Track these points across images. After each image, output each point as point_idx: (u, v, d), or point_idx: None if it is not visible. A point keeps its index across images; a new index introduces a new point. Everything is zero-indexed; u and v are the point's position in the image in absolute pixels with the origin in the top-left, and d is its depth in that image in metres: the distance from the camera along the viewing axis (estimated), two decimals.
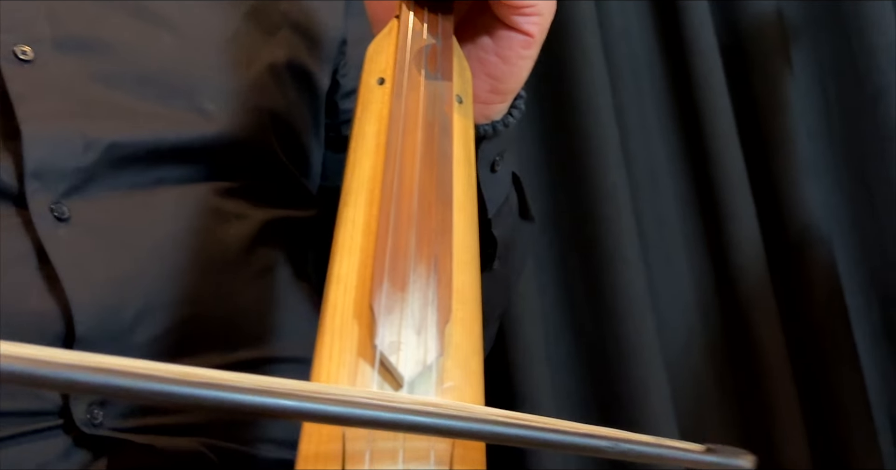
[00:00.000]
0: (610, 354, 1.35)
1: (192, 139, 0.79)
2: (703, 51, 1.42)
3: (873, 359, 1.47)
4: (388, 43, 0.66)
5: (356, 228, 0.56)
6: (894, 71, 1.44)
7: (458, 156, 0.62)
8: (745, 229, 1.41)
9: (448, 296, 0.53)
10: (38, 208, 0.73)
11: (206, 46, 0.84)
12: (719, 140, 1.41)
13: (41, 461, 0.69)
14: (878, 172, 1.47)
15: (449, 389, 0.50)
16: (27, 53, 0.78)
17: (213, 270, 0.78)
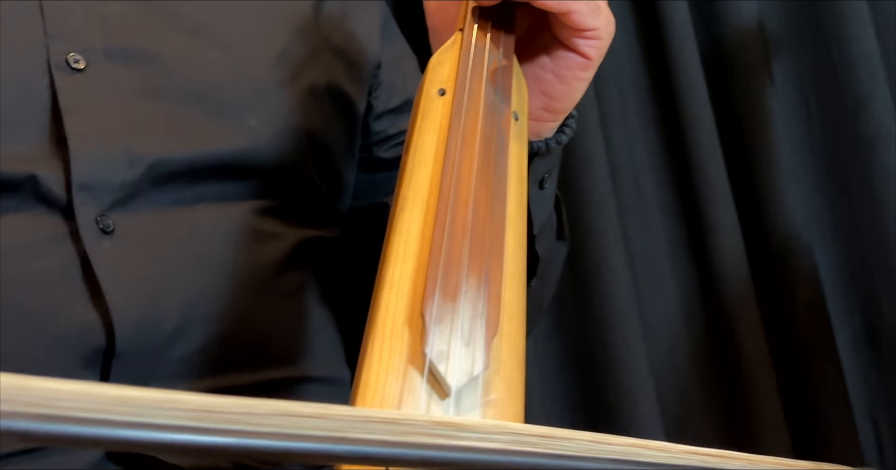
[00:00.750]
0: (598, 361, 1.36)
1: (234, 156, 0.79)
2: (685, 64, 1.43)
3: (855, 364, 1.49)
4: (451, 55, 0.67)
5: (411, 236, 0.56)
6: (873, 81, 1.46)
7: (513, 172, 0.62)
8: (729, 238, 1.42)
9: (497, 309, 0.53)
10: (84, 220, 0.72)
11: (252, 64, 0.84)
12: (702, 151, 1.43)
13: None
14: (859, 181, 1.49)
15: (492, 401, 0.50)
16: (79, 62, 0.77)
17: (248, 289, 0.78)
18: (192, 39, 0.83)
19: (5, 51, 0.76)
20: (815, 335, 1.45)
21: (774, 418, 1.38)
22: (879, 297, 1.49)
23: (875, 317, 1.50)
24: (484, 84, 0.65)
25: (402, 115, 0.93)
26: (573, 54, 0.70)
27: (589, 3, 0.68)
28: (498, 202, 0.59)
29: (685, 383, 1.44)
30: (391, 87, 0.93)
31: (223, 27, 0.84)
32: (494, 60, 0.67)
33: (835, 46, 1.50)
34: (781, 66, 1.53)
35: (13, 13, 0.77)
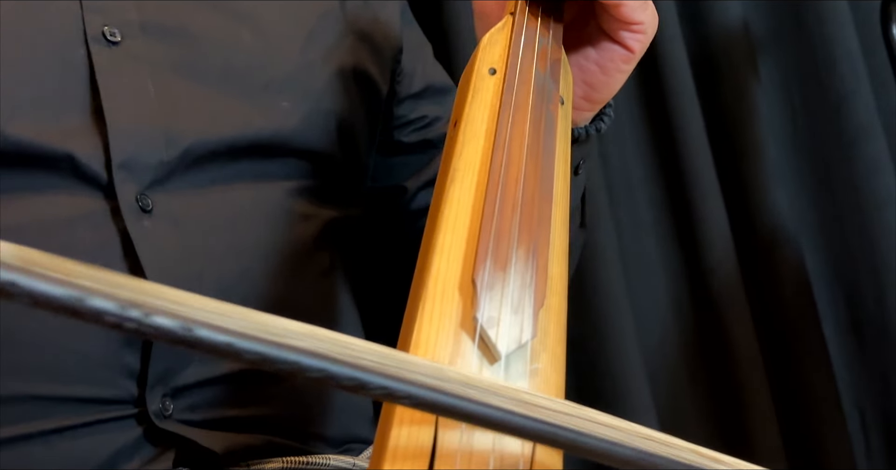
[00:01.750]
0: (592, 351, 1.37)
1: (268, 137, 0.79)
2: (673, 63, 1.44)
3: (841, 352, 1.51)
4: (503, 36, 0.68)
5: (461, 206, 0.57)
6: (855, 79, 1.49)
7: (559, 154, 0.63)
8: (717, 231, 1.43)
9: (544, 282, 0.54)
10: (125, 198, 0.72)
11: (283, 46, 0.83)
12: (691, 147, 1.43)
13: (113, 449, 0.69)
14: (842, 175, 1.51)
15: (538, 370, 0.51)
16: (115, 35, 0.76)
17: (281, 270, 0.77)
18: (226, 19, 0.82)
19: (41, 22, 0.75)
20: (802, 325, 1.47)
21: (763, 405, 1.40)
22: (863, 288, 1.51)
23: (859, 307, 1.52)
24: (534, 67, 0.66)
25: (422, 101, 0.94)
26: (617, 46, 0.72)
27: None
28: (546, 181, 0.60)
29: (676, 371, 1.45)
30: (412, 72, 0.94)
31: (256, 8, 0.84)
32: (544, 45, 0.68)
33: (817, 46, 1.52)
34: (766, 65, 1.55)
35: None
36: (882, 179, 1.48)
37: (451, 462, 0.45)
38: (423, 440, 0.46)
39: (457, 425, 0.46)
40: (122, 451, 0.70)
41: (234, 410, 0.74)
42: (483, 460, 0.46)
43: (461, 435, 0.46)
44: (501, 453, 0.46)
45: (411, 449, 0.46)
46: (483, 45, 0.67)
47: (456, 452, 0.45)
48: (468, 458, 0.46)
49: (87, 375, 0.69)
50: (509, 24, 0.69)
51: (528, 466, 0.47)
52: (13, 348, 0.68)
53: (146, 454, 0.70)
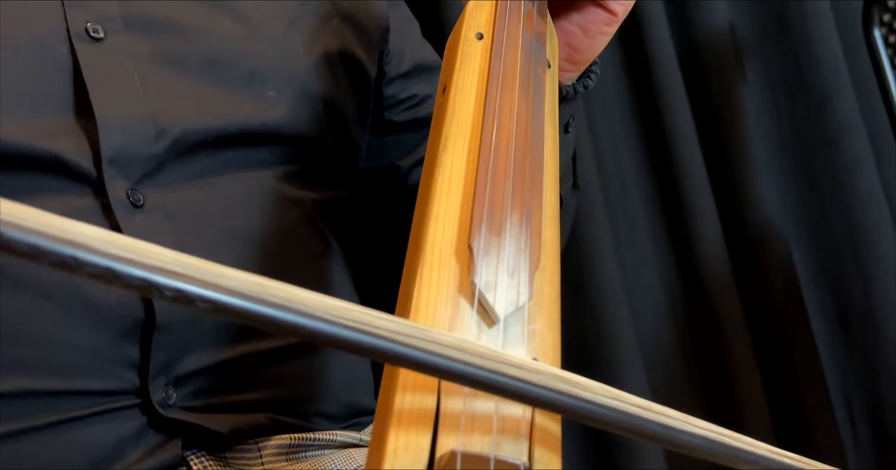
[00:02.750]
0: (590, 341, 1.38)
1: (256, 124, 0.78)
2: (664, 65, 1.46)
3: (827, 343, 1.53)
4: (489, 1, 0.66)
5: (454, 172, 0.56)
6: (838, 79, 1.51)
7: (548, 117, 0.62)
8: (708, 226, 1.45)
9: (538, 246, 0.53)
10: (116, 195, 0.71)
11: (266, 33, 0.82)
12: (682, 145, 1.45)
13: (118, 438, 0.69)
14: (827, 172, 1.53)
15: (534, 331, 0.51)
16: (98, 31, 0.74)
17: (275, 255, 0.77)
18: (208, 9, 0.80)
19: (24, 20, 0.73)
20: (790, 315, 1.49)
21: (754, 393, 1.42)
22: (849, 280, 1.53)
23: (845, 299, 1.54)
24: (521, 31, 0.65)
25: (411, 80, 0.93)
26: (600, 10, 0.71)
27: None
28: (536, 145, 0.59)
29: (671, 361, 1.48)
30: (401, 52, 0.92)
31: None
32: (530, 9, 0.67)
33: (801, 48, 1.54)
34: (753, 66, 1.57)
35: None
36: (865, 175, 1.51)
37: (456, 425, 0.45)
38: (426, 405, 0.45)
39: (459, 391, 0.46)
40: (128, 439, 0.70)
41: (236, 394, 0.74)
42: (486, 423, 0.45)
43: (464, 400, 0.46)
44: (503, 416, 0.46)
45: (416, 413, 0.45)
46: (469, 10, 0.66)
47: (460, 414, 0.45)
48: (472, 421, 0.45)
49: (90, 369, 0.69)
50: None
51: (528, 429, 0.46)
52: (17, 346, 0.68)
53: (152, 441, 0.71)
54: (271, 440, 0.75)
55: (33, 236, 0.35)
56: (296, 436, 0.76)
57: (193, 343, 0.72)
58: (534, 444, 0.46)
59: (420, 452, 0.43)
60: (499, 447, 0.45)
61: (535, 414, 0.47)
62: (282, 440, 0.75)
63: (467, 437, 0.44)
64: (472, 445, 0.44)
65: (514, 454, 0.45)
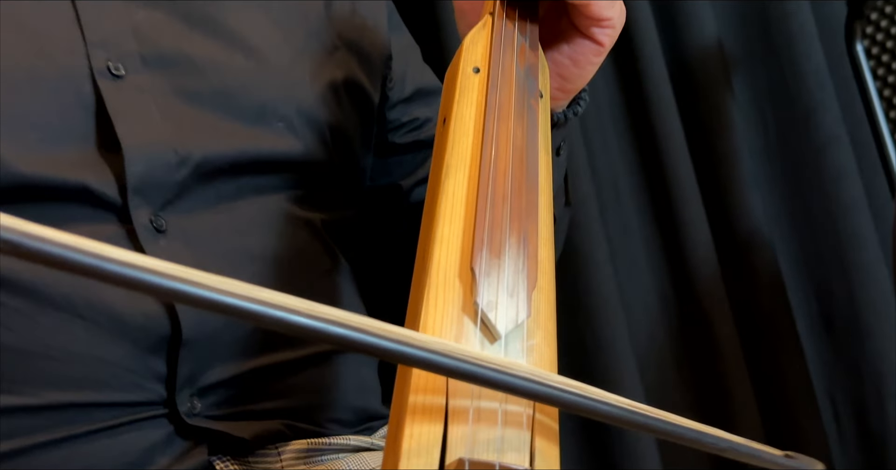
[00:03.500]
0: (587, 345, 1.41)
1: (267, 153, 0.81)
2: (655, 80, 1.49)
3: (813, 346, 1.57)
4: (483, 36, 0.69)
5: (456, 199, 0.59)
6: (822, 92, 1.55)
7: (541, 145, 0.65)
8: (698, 234, 1.48)
9: (535, 266, 0.57)
10: (140, 221, 0.74)
11: (275, 65, 0.84)
12: (672, 157, 1.48)
13: (148, 445, 0.72)
14: (812, 181, 1.57)
15: (532, 346, 0.54)
16: (119, 69, 0.77)
17: (288, 273, 0.80)
18: (219, 43, 0.83)
19: (48, 58, 0.76)
20: (778, 321, 1.52)
21: (744, 395, 1.45)
22: (834, 285, 1.56)
23: (830, 304, 1.58)
24: (515, 64, 0.68)
25: (412, 104, 0.95)
26: (588, 41, 0.73)
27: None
28: (531, 171, 0.62)
29: (664, 364, 1.50)
30: (402, 77, 0.94)
31: (246, 30, 0.84)
32: (523, 43, 0.70)
33: (787, 62, 1.57)
34: (740, 80, 1.60)
35: (51, 22, 0.78)
36: (849, 185, 1.54)
37: (465, 417, 0.49)
38: (436, 403, 0.49)
39: (466, 391, 0.49)
40: (156, 447, 0.73)
41: (256, 403, 0.77)
42: (492, 417, 0.49)
43: (471, 399, 0.50)
44: (507, 411, 0.50)
45: (427, 410, 0.49)
46: (466, 45, 0.69)
47: (468, 410, 0.49)
48: (478, 415, 0.49)
49: (120, 382, 0.72)
50: (489, 23, 0.70)
51: (530, 422, 0.50)
52: (53, 362, 0.71)
53: (179, 448, 0.73)
54: (290, 445, 0.78)
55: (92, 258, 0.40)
56: (313, 441, 0.79)
57: (216, 356, 0.75)
58: (535, 435, 0.50)
59: (432, 446, 0.48)
60: (503, 443, 0.49)
61: (536, 410, 0.51)
62: (300, 445, 0.78)
63: (475, 428, 0.49)
64: (479, 436, 0.49)
65: (518, 445, 0.50)
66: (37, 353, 0.71)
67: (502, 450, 0.49)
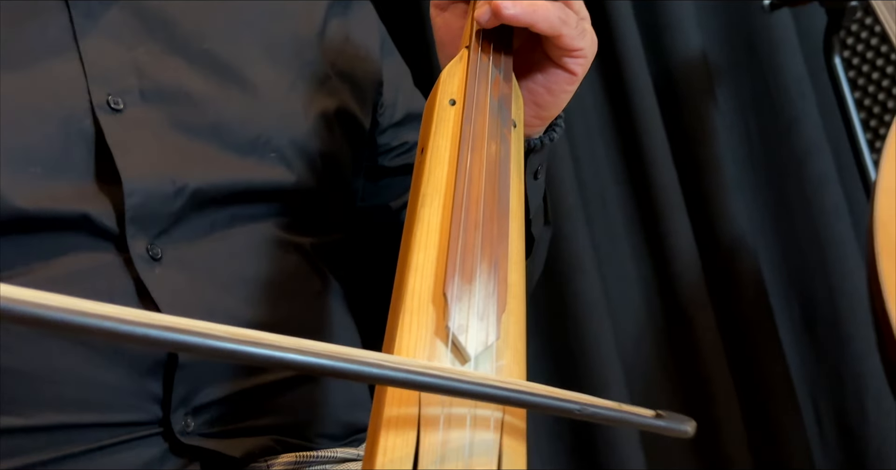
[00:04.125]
0: (573, 350, 1.44)
1: (260, 183, 0.83)
2: (640, 92, 1.52)
3: (795, 349, 1.60)
4: (459, 69, 0.71)
5: (431, 227, 0.61)
6: (804, 102, 1.59)
7: (513, 173, 0.67)
8: (683, 242, 1.51)
9: (505, 291, 0.59)
10: (137, 250, 0.76)
11: (269, 98, 0.86)
12: (657, 167, 1.51)
13: (145, 463, 0.75)
14: (794, 189, 1.61)
15: (502, 366, 0.57)
16: (118, 103, 0.79)
17: (280, 296, 0.82)
18: (216, 77, 0.85)
19: (49, 94, 0.78)
20: (760, 324, 1.55)
21: (727, 398, 1.49)
22: (815, 290, 1.60)
23: (811, 308, 1.61)
24: (489, 96, 0.70)
25: (402, 128, 0.97)
26: (561, 71, 0.75)
27: (577, 27, 0.73)
28: (503, 199, 0.64)
29: (649, 367, 1.53)
30: (393, 103, 0.96)
31: (242, 64, 0.86)
32: (497, 75, 0.72)
33: (769, 73, 1.61)
34: (724, 91, 1.64)
35: (54, 58, 0.79)
36: (830, 191, 1.58)
37: (436, 425, 0.52)
38: (410, 413, 0.52)
39: (437, 399, 0.52)
40: (152, 464, 0.75)
41: (247, 421, 0.79)
42: (462, 421, 0.52)
43: (441, 407, 0.53)
44: (475, 414, 0.53)
45: (401, 419, 0.52)
46: (443, 78, 0.71)
47: (438, 417, 0.52)
48: (448, 421, 0.52)
49: (118, 404, 0.74)
50: (465, 57, 0.72)
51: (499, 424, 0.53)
52: (56, 385, 0.74)
53: (174, 465, 0.76)
54: (279, 459, 0.80)
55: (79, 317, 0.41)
56: (301, 454, 0.81)
57: (209, 378, 0.77)
58: (503, 436, 0.53)
59: (406, 455, 0.51)
60: (472, 448, 0.52)
61: (505, 412, 0.54)
62: (288, 458, 0.80)
63: (445, 436, 0.52)
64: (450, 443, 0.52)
65: (486, 449, 0.53)
66: (40, 376, 0.73)
67: (471, 455, 0.52)
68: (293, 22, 0.91)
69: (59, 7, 0.81)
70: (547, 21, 0.71)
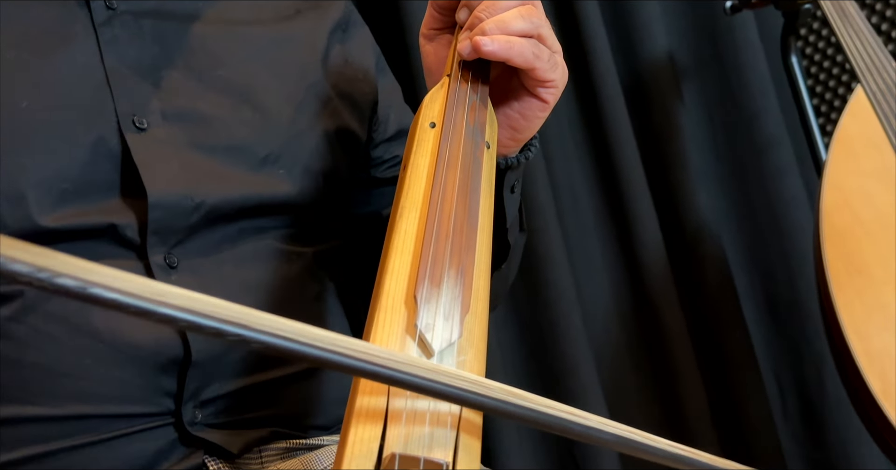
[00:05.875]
0: (546, 336, 1.51)
1: (268, 198, 0.88)
2: (609, 92, 1.59)
3: (759, 329, 1.69)
4: (440, 95, 0.77)
5: (407, 236, 0.67)
6: (764, 97, 1.67)
7: (484, 190, 0.72)
8: (649, 232, 1.59)
9: (469, 295, 0.64)
10: (156, 259, 0.82)
11: (278, 120, 0.91)
12: (625, 163, 1.58)
13: (156, 450, 0.81)
14: (755, 179, 1.69)
15: (463, 361, 0.61)
16: (143, 123, 0.84)
17: (282, 301, 0.87)
18: (229, 100, 0.90)
19: (81, 118, 0.84)
20: (725, 305, 1.63)
21: (692, 377, 1.57)
22: (776, 274, 1.68)
23: (774, 290, 1.70)
24: (465, 121, 0.75)
25: (394, 143, 1.02)
26: (535, 99, 0.80)
27: (549, 60, 0.78)
28: (473, 213, 0.69)
29: (618, 350, 1.60)
30: (386, 119, 1.02)
31: (253, 87, 0.91)
32: (474, 101, 0.77)
33: (733, 71, 1.69)
34: (690, 88, 1.71)
35: (84, 84, 0.85)
36: (790, 181, 1.66)
37: (400, 419, 0.56)
38: (378, 405, 0.57)
39: (403, 394, 0.56)
40: (162, 451, 0.81)
41: (248, 413, 0.84)
42: (423, 416, 0.56)
43: (406, 401, 0.57)
44: (435, 412, 0.57)
45: (371, 412, 0.56)
46: (426, 103, 0.77)
47: (402, 411, 0.56)
48: (412, 416, 0.56)
49: (134, 397, 0.80)
50: (446, 84, 0.78)
51: (457, 422, 0.57)
52: (77, 380, 0.79)
53: (181, 453, 0.82)
54: (271, 445, 0.86)
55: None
56: (291, 442, 0.87)
57: (218, 374, 0.83)
58: (460, 432, 0.57)
59: (373, 442, 0.55)
60: (431, 441, 0.56)
61: (463, 410, 0.57)
62: (279, 445, 0.87)
63: (408, 428, 0.56)
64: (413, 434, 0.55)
65: (444, 443, 0.56)
66: (65, 372, 0.79)
67: (431, 446, 0.56)
68: (299, 49, 0.97)
69: (87, 35, 0.86)
70: (521, 56, 0.76)
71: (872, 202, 1.32)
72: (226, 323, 0.52)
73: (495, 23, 0.77)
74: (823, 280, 1.30)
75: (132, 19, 0.89)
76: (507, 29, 0.76)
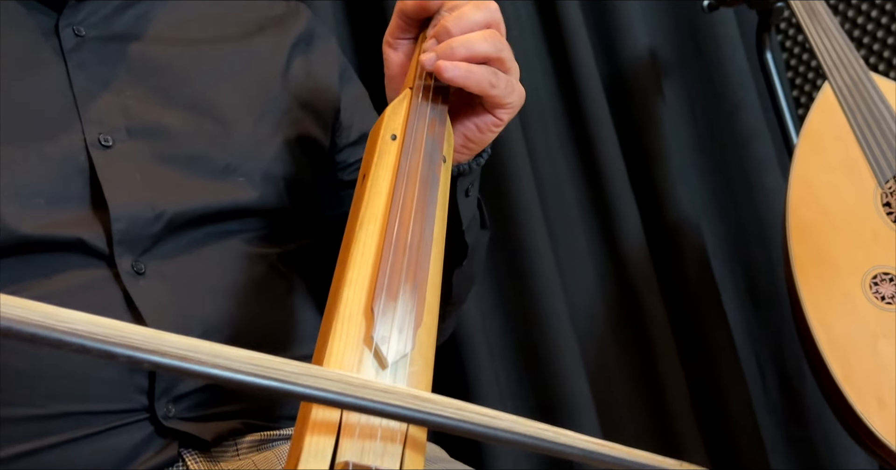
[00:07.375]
0: (530, 326, 1.55)
1: (229, 205, 0.91)
2: (590, 89, 1.61)
3: (740, 315, 1.73)
4: (402, 108, 0.78)
5: (367, 248, 0.67)
6: (744, 91, 1.70)
7: (440, 203, 0.74)
8: (631, 224, 1.62)
9: (422, 309, 0.65)
10: (123, 266, 0.85)
11: (238, 130, 0.94)
12: (607, 158, 1.61)
13: (133, 444, 0.83)
14: (736, 170, 1.72)
15: (414, 372, 0.63)
16: (108, 141, 0.88)
17: (248, 301, 0.90)
18: (192, 113, 0.93)
19: (51, 137, 0.87)
20: (704, 294, 1.67)
21: (672, 361, 1.61)
22: (756, 263, 1.72)
23: (753, 279, 1.74)
24: (425, 134, 0.77)
25: (358, 147, 1.05)
26: (491, 117, 0.84)
27: (506, 87, 0.81)
28: (429, 227, 0.70)
29: (601, 338, 1.63)
30: (349, 125, 1.05)
31: (215, 100, 0.94)
32: (434, 116, 0.79)
33: (713, 65, 1.72)
34: (671, 82, 1.73)
35: (52, 105, 0.88)
36: (769, 173, 1.70)
37: (353, 433, 0.57)
38: (332, 418, 0.58)
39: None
40: (140, 445, 0.84)
41: (220, 406, 0.87)
42: (373, 432, 0.58)
43: (359, 415, 0.58)
44: (385, 427, 0.59)
45: (325, 424, 0.57)
46: (388, 114, 0.78)
47: (356, 425, 0.58)
48: (365, 430, 0.58)
49: (110, 395, 0.83)
50: (409, 97, 0.79)
51: (403, 437, 0.59)
52: (56, 380, 0.82)
53: (158, 445, 0.84)
54: (246, 438, 0.89)
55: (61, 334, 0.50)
56: (265, 433, 0.90)
57: None
58: (406, 447, 0.60)
59: (325, 452, 0.58)
60: (383, 453, 0.58)
61: (409, 427, 0.60)
62: (254, 437, 0.90)
63: (360, 442, 0.58)
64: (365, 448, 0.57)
65: (392, 456, 0.58)
66: (45, 374, 0.82)
67: (382, 457, 0.58)
68: (261, 64, 1.01)
69: (56, 61, 0.91)
70: (478, 85, 0.79)
71: (838, 195, 1.36)
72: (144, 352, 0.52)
73: (462, 43, 0.79)
74: (790, 272, 1.34)
75: (100, 44, 0.93)
76: (473, 49, 0.79)
